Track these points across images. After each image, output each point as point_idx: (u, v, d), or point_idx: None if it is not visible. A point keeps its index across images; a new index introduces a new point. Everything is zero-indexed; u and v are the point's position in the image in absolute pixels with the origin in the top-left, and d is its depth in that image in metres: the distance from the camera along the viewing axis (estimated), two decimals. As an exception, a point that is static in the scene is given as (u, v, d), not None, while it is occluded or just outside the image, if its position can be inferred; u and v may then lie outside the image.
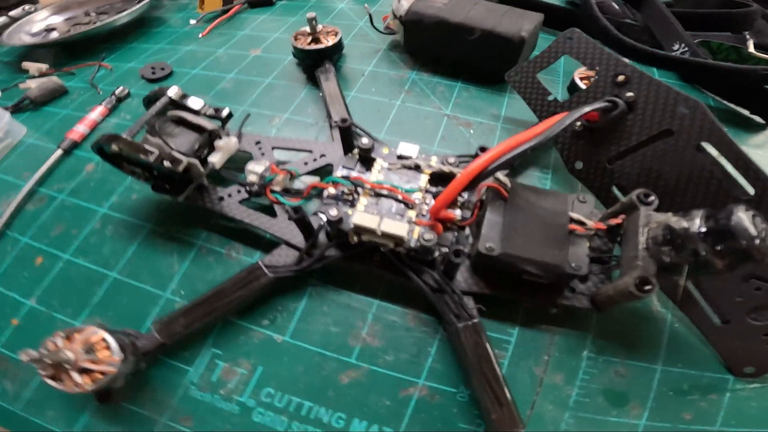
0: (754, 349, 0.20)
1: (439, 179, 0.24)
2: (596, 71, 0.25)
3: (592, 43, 0.26)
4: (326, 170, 0.27)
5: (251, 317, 0.23)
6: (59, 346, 0.19)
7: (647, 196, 0.19)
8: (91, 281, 0.25)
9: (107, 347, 0.19)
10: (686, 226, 0.16)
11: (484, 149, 0.24)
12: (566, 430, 0.20)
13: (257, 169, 0.25)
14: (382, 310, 0.23)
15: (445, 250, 0.21)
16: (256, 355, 0.22)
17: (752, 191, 0.20)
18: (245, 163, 0.25)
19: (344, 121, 0.24)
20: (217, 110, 0.26)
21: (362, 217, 0.21)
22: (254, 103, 0.35)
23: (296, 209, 0.21)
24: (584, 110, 0.23)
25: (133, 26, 0.47)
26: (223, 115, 0.26)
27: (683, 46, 0.36)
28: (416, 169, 0.24)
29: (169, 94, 0.26)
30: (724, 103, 0.34)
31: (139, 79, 0.39)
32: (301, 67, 0.38)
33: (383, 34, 0.40)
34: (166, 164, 0.23)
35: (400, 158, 0.24)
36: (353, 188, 0.23)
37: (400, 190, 0.22)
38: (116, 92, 0.36)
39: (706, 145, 0.21)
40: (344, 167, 0.24)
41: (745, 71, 0.31)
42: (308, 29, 0.35)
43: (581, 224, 0.20)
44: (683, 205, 0.22)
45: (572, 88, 0.31)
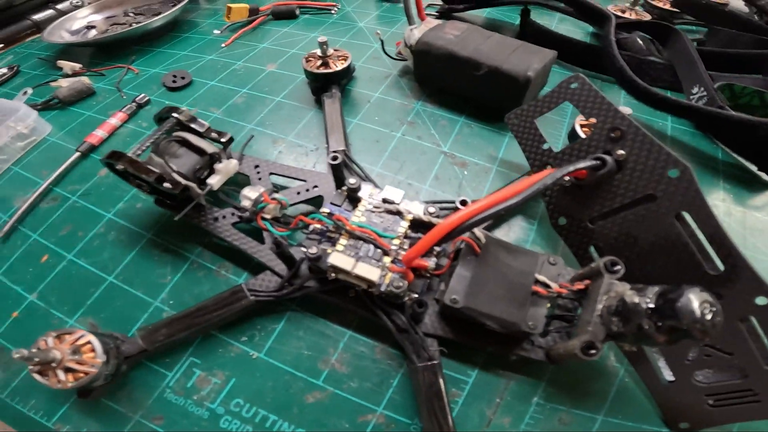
0: (693, 406, 0.21)
1: (419, 226, 0.24)
2: (594, 122, 0.25)
3: (594, 91, 0.26)
4: (317, 201, 0.28)
5: (231, 332, 0.25)
6: (49, 345, 0.21)
7: (614, 264, 0.20)
8: (89, 283, 0.27)
9: (93, 350, 0.21)
10: (637, 301, 0.17)
11: (464, 203, 0.25)
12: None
13: (251, 195, 0.26)
14: (353, 340, 0.25)
15: (414, 296, 0.22)
16: (231, 367, 0.24)
17: (722, 267, 0.20)
18: (244, 184, 0.27)
19: (335, 158, 0.25)
20: (219, 134, 0.28)
21: (338, 257, 0.22)
22: (261, 121, 0.36)
23: (278, 244, 0.22)
24: (569, 169, 0.23)
25: (165, 29, 0.49)
26: (223, 140, 0.27)
27: (702, 89, 0.35)
28: (398, 214, 0.24)
29: (177, 115, 0.27)
30: (733, 156, 0.33)
31: (160, 86, 0.41)
32: (310, 87, 0.39)
33: (395, 59, 0.40)
34: (165, 185, 0.24)
35: (384, 201, 0.25)
36: (335, 227, 0.24)
37: (378, 234, 0.23)
38: (137, 99, 0.39)
39: (686, 215, 0.21)
40: (332, 203, 0.25)
41: (755, 123, 0.30)
42: (319, 52, 0.36)
43: (545, 286, 0.21)
44: (652, 273, 0.22)
45: (572, 135, 0.31)
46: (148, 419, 0.22)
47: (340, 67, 0.35)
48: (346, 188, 0.25)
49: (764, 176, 0.31)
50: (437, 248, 0.23)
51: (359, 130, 0.35)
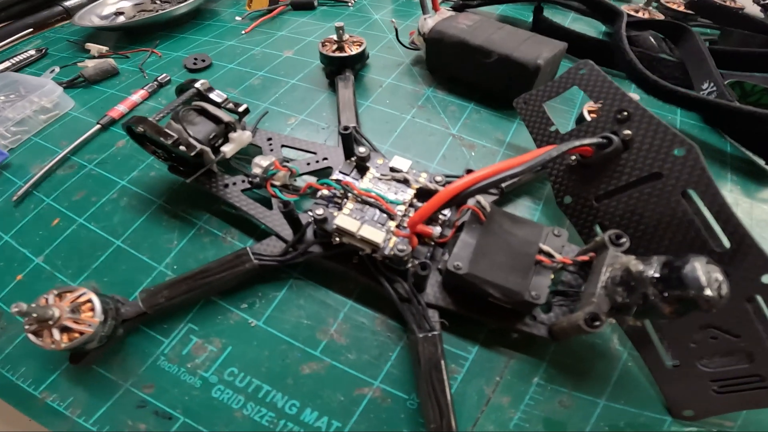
0: (698, 393, 0.20)
1: (425, 195, 0.25)
2: (600, 104, 0.25)
3: (602, 76, 0.26)
4: (326, 172, 0.28)
5: (232, 299, 0.25)
6: (49, 302, 0.20)
7: (619, 237, 0.20)
8: (96, 246, 0.28)
9: (92, 309, 0.21)
10: (642, 269, 0.17)
11: (470, 171, 0.25)
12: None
13: (263, 163, 0.27)
14: (353, 310, 0.24)
15: (417, 262, 0.23)
16: (228, 335, 0.24)
17: (728, 245, 0.20)
18: (255, 156, 0.27)
19: (346, 128, 0.26)
20: (236, 105, 0.29)
21: (344, 219, 0.22)
22: (276, 101, 0.37)
23: (286, 204, 0.23)
24: (575, 144, 0.23)
25: (188, 16, 0.51)
26: (240, 110, 0.28)
27: (711, 85, 0.35)
28: (405, 182, 0.25)
29: (196, 85, 0.28)
30: (741, 150, 0.33)
31: (181, 68, 0.43)
32: (325, 72, 0.40)
33: (408, 49, 0.41)
34: (181, 148, 0.25)
35: (392, 170, 0.25)
36: (343, 192, 0.24)
37: (384, 200, 0.24)
38: (159, 78, 0.40)
39: (692, 192, 0.21)
40: (340, 172, 0.26)
41: (764, 116, 0.30)
42: (335, 37, 0.37)
43: (549, 256, 0.21)
44: (658, 251, 0.22)
45: (580, 120, 0.31)
46: (138, 387, 0.22)
47: (354, 51, 0.36)
48: (355, 158, 0.26)
49: (772, 170, 0.31)
50: (442, 217, 0.24)
51: (370, 111, 0.36)
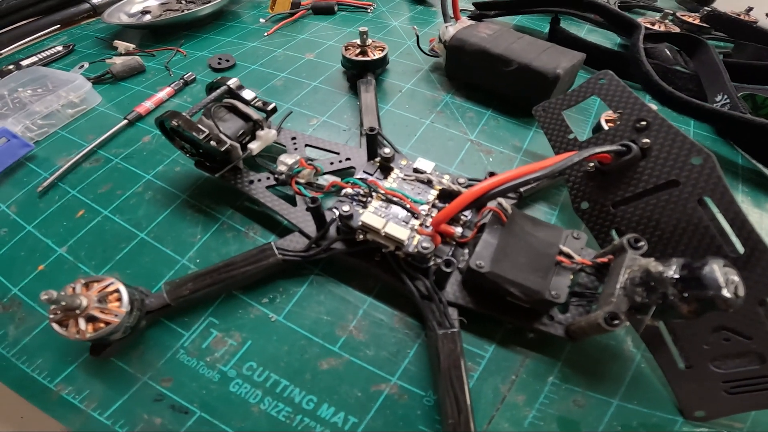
0: (710, 394, 0.21)
1: (447, 196, 0.25)
2: (620, 114, 0.26)
3: (622, 86, 0.27)
4: (348, 173, 0.29)
5: (253, 293, 0.25)
6: (77, 291, 0.20)
7: (637, 241, 0.20)
8: (120, 238, 0.28)
9: (119, 299, 0.21)
10: (662, 270, 0.17)
11: (492, 174, 0.26)
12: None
13: (288, 160, 0.28)
14: (372, 307, 0.25)
15: (440, 260, 0.23)
16: (248, 329, 0.24)
17: (742, 250, 0.20)
18: (279, 154, 0.28)
19: (372, 129, 0.27)
20: (264, 103, 0.30)
21: (370, 216, 0.23)
22: (298, 102, 0.38)
23: (314, 199, 0.23)
24: (596, 150, 0.24)
25: (212, 17, 0.53)
26: (268, 108, 0.29)
27: (725, 97, 0.36)
28: (428, 183, 0.26)
29: (228, 83, 0.29)
30: (752, 162, 0.34)
31: (206, 67, 0.44)
32: (346, 75, 0.41)
33: (427, 55, 0.42)
34: (212, 143, 0.26)
35: (415, 171, 0.26)
36: (368, 191, 0.25)
37: (409, 199, 0.24)
38: (185, 77, 0.41)
39: (708, 200, 0.22)
40: (365, 172, 0.27)
41: None
42: (359, 41, 0.38)
43: (569, 257, 0.21)
44: (673, 255, 0.22)
45: (597, 129, 0.32)
46: (156, 381, 0.22)
47: (377, 56, 0.37)
48: (379, 158, 0.27)
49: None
50: (463, 218, 0.25)
51: (390, 115, 0.37)
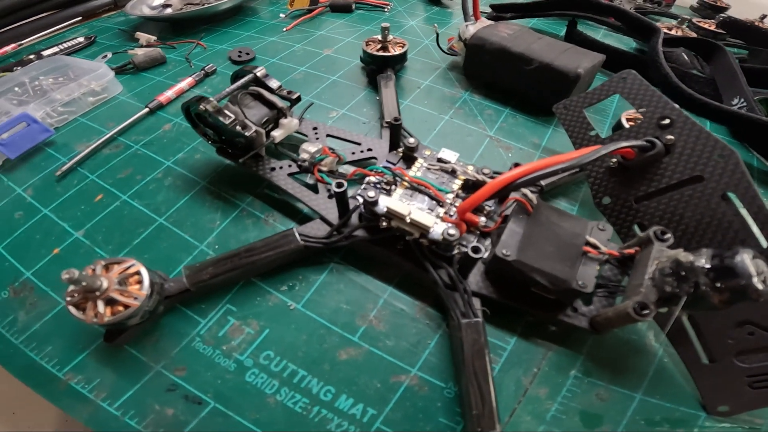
0: (733, 389, 0.20)
1: (470, 187, 0.26)
2: (643, 112, 0.26)
3: (645, 84, 0.27)
4: (370, 163, 0.29)
5: (272, 281, 0.25)
6: (97, 273, 0.20)
7: (664, 233, 0.20)
8: (139, 223, 0.28)
9: (139, 281, 0.20)
10: (693, 260, 0.17)
11: (518, 165, 0.26)
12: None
13: (310, 149, 0.28)
14: (393, 297, 0.24)
15: (464, 249, 0.23)
16: (266, 317, 0.23)
17: (765, 245, 0.20)
18: (300, 144, 0.28)
19: (396, 119, 0.27)
20: (289, 92, 0.30)
21: (395, 203, 0.23)
22: (317, 95, 0.39)
23: (339, 184, 0.23)
24: (621, 144, 0.24)
25: (231, 12, 0.54)
26: (293, 97, 0.30)
27: (742, 101, 0.36)
28: (452, 173, 0.26)
29: (255, 72, 0.30)
30: (767, 164, 0.34)
31: (226, 60, 0.45)
32: (365, 71, 0.41)
33: (446, 53, 0.43)
34: (237, 129, 0.26)
35: (439, 161, 0.26)
36: (393, 179, 0.25)
37: (434, 187, 0.24)
38: (206, 68, 0.42)
39: (731, 195, 0.22)
40: (388, 161, 0.27)
41: None
42: (380, 37, 0.38)
43: (595, 248, 0.21)
44: (697, 249, 0.23)
45: (617, 127, 0.32)
46: (169, 370, 0.21)
47: (398, 52, 0.38)
48: (403, 147, 0.27)
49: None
50: (487, 208, 0.25)
51: (408, 110, 0.37)
